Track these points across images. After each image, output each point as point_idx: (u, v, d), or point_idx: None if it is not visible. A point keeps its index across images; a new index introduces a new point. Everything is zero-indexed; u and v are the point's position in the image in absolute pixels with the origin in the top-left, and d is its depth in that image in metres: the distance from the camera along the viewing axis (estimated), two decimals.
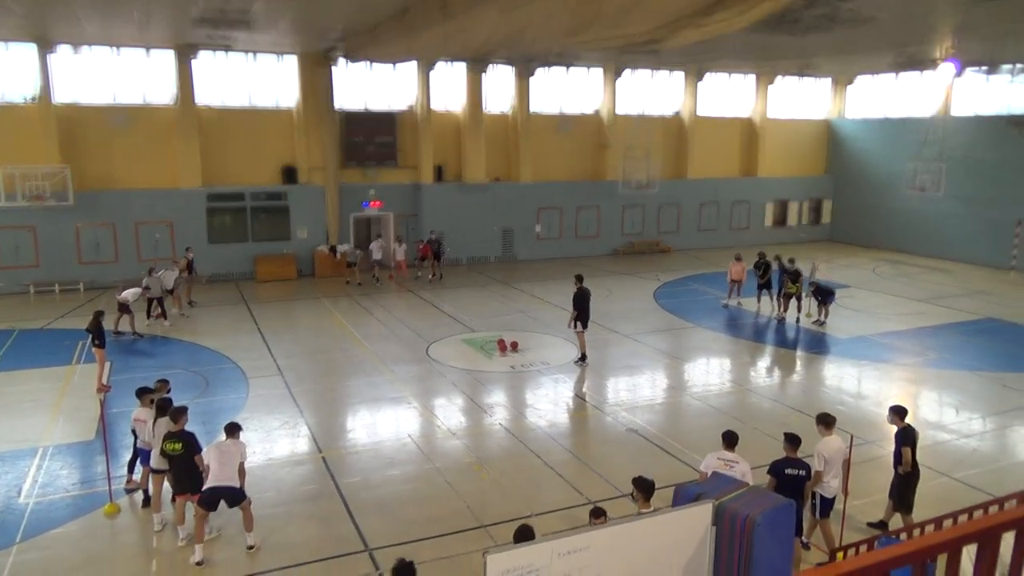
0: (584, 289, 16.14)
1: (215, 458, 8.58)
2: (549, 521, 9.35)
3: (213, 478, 8.53)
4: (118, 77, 24.16)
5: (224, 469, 8.56)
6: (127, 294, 17.89)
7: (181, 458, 8.82)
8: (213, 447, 8.73)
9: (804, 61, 26.82)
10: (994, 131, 28.46)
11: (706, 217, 33.37)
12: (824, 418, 8.96)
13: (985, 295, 23.67)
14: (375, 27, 18.79)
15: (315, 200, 26.50)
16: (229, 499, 8.66)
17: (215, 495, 8.57)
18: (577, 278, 16.48)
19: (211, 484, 8.54)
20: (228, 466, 8.59)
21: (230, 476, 8.57)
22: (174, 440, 8.87)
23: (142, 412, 9.80)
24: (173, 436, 8.92)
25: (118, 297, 17.95)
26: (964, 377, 15.64)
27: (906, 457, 9.04)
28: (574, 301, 16.11)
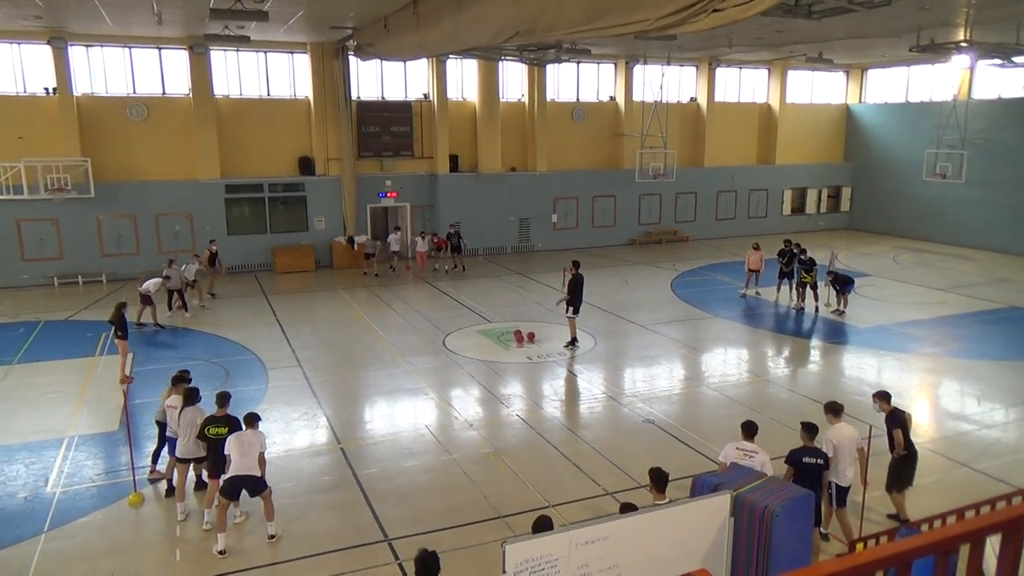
0: (580, 275, 16.42)
1: (236, 448, 8.69)
2: (567, 511, 9.38)
3: (235, 468, 8.64)
4: (136, 69, 24.37)
5: (245, 459, 8.66)
6: (148, 285, 18.09)
7: (223, 443, 8.85)
8: (234, 437, 8.83)
9: (819, 48, 26.45)
10: (1016, 115, 27.99)
11: (723, 205, 33.13)
12: (832, 406, 8.94)
13: (1008, 283, 23.35)
14: (386, 18, 18.78)
15: (332, 191, 26.62)
16: (250, 488, 8.78)
17: (236, 484, 8.69)
18: (574, 264, 16.68)
19: (232, 473, 8.65)
20: (249, 456, 8.70)
21: (251, 466, 8.68)
22: (219, 424, 9.07)
23: (175, 399, 9.87)
24: (218, 420, 9.12)
25: (139, 289, 18.16)
26: (986, 367, 15.47)
27: (898, 439, 9.05)
28: (570, 286, 16.37)
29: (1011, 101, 28.39)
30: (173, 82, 24.85)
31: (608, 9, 9.10)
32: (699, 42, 25.12)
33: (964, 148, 27.88)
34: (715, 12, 7.77)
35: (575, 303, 16.28)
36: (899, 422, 9.16)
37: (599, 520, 6.08)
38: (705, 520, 5.71)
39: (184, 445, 9.43)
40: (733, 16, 7.72)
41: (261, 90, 26.06)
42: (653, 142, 29.31)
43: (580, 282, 16.38)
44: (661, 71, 29.63)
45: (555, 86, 29.81)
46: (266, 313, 19.98)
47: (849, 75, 34.87)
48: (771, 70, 33.20)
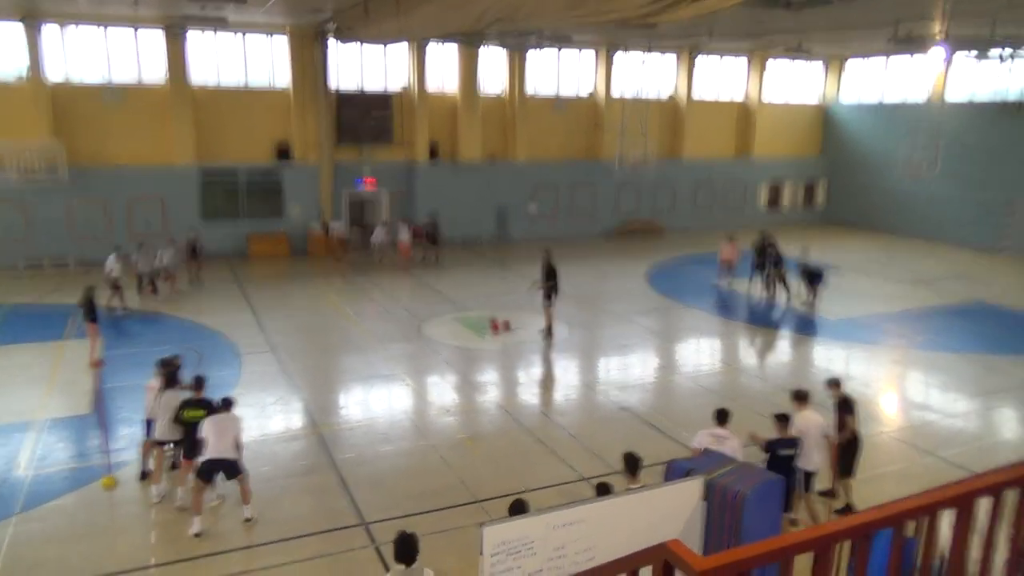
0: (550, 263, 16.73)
1: (211, 431, 8.68)
2: (542, 496, 9.48)
3: (211, 450, 8.64)
4: (111, 54, 23.93)
5: (221, 441, 8.67)
6: (108, 265, 17.86)
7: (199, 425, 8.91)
8: (209, 421, 8.82)
9: (798, 39, 26.72)
10: (987, 116, 28.53)
11: (701, 198, 33.40)
12: (799, 394, 9.20)
13: (973, 278, 23.88)
14: (367, 3, 18.63)
15: (309, 178, 26.40)
16: (227, 471, 8.79)
17: (213, 467, 8.70)
18: (548, 251, 17.06)
19: (209, 456, 8.65)
20: (224, 439, 8.70)
21: (226, 448, 8.69)
22: (196, 407, 9.12)
23: (155, 381, 9.81)
24: (195, 403, 9.19)
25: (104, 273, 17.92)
26: (950, 359, 15.84)
27: (850, 425, 9.29)
28: (552, 273, 16.53)
29: (982, 104, 28.91)
30: (149, 68, 24.40)
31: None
32: (680, 31, 25.23)
33: (937, 145, 28.31)
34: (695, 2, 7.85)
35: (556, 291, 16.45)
36: (850, 409, 9.40)
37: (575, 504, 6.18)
38: (678, 504, 5.83)
39: (161, 427, 9.38)
40: (713, 6, 7.82)
41: (239, 77, 25.71)
42: (632, 134, 29.44)
43: (553, 269, 16.53)
44: (642, 59, 29.69)
45: (535, 77, 29.77)
46: (240, 299, 19.83)
47: (828, 68, 35.14)
48: (750, 60, 33.36)
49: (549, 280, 16.46)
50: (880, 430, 12.15)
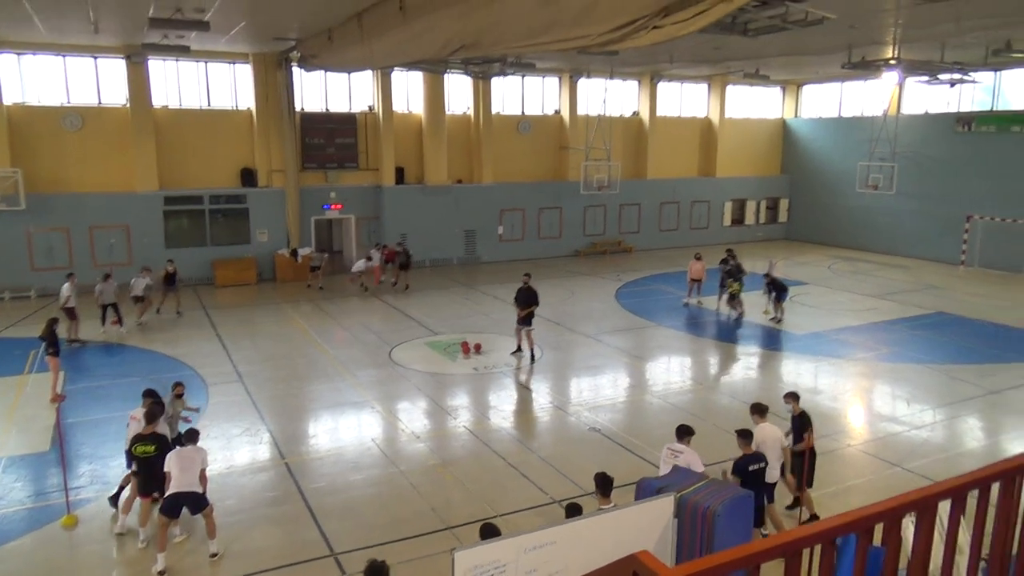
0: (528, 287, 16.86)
1: (176, 464, 8.48)
2: (515, 520, 9.41)
3: (175, 484, 8.43)
4: (71, 78, 23.66)
5: (186, 475, 8.46)
6: (65, 295, 17.46)
7: (154, 460, 8.78)
8: (174, 454, 8.62)
9: (756, 64, 27.39)
10: (942, 129, 29.40)
11: (666, 217, 33.81)
12: (757, 407, 9.47)
13: (935, 290, 24.41)
14: (331, 30, 18.69)
15: (275, 203, 26.23)
16: (192, 505, 8.58)
17: (177, 501, 8.48)
18: (525, 275, 17.31)
19: (173, 490, 8.44)
20: (190, 472, 8.50)
21: (192, 482, 8.49)
22: (147, 442, 8.87)
23: (138, 411, 9.68)
24: (146, 439, 8.90)
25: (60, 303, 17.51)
26: (915, 370, 16.12)
27: (810, 441, 9.46)
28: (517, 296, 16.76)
29: (937, 116, 29.79)
30: (110, 92, 24.19)
31: (552, 24, 9.26)
32: (641, 57, 25.71)
33: (895, 161, 29.15)
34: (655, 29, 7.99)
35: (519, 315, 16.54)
36: (808, 423, 9.60)
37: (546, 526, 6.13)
38: (650, 522, 5.82)
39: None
40: (672, 33, 7.96)
41: (201, 100, 25.58)
42: (597, 155, 29.81)
43: (526, 292, 16.55)
44: (604, 85, 30.22)
45: (501, 99, 30.05)
46: (206, 328, 19.53)
47: (785, 91, 36.11)
48: (711, 85, 34.14)
49: (530, 305, 16.50)
50: (848, 443, 12.29)
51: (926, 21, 17.90)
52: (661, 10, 7.79)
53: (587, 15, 8.54)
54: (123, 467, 10.84)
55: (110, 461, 11.28)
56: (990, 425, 13.30)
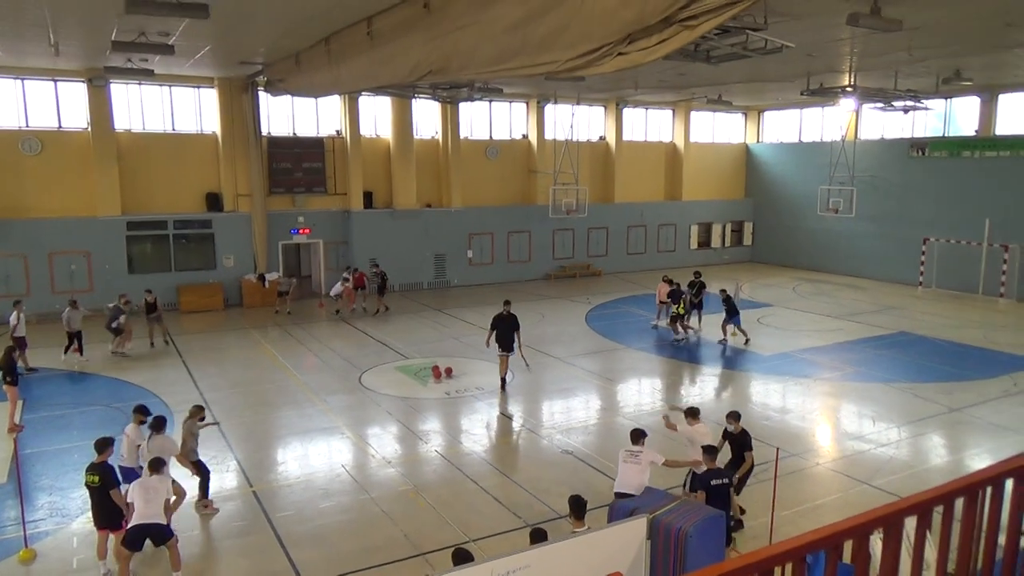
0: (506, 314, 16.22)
1: (140, 495, 8.27)
2: (488, 545, 9.34)
3: (138, 516, 8.21)
4: (29, 101, 23.29)
5: (150, 506, 8.25)
6: (11, 320, 17.06)
7: (98, 491, 8.59)
8: (138, 484, 8.41)
9: (719, 91, 28.03)
10: (898, 154, 30.26)
11: (634, 240, 34.17)
12: (691, 411, 10.25)
13: (896, 310, 24.95)
14: (298, 55, 18.70)
15: (242, 227, 25.97)
16: (155, 537, 8.36)
17: (140, 534, 8.25)
18: (504, 303, 16.63)
19: (136, 522, 8.21)
20: (154, 503, 8.29)
21: (156, 513, 8.27)
22: (93, 472, 8.64)
23: (131, 428, 9.90)
24: (93, 468, 8.68)
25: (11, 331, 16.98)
26: (879, 389, 16.42)
27: (749, 461, 9.93)
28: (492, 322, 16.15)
29: (892, 141, 30.66)
30: (70, 115, 23.85)
31: (519, 51, 9.39)
32: (606, 83, 26.12)
33: (853, 185, 29.91)
34: (620, 56, 8.15)
35: (499, 340, 16.03)
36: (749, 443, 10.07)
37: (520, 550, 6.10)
38: (623, 544, 5.83)
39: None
40: (636, 60, 8.11)
41: (166, 124, 25.34)
42: (565, 179, 30.12)
43: (506, 320, 16.10)
44: (571, 110, 30.61)
45: (469, 124, 30.25)
46: (170, 355, 19.18)
47: (747, 116, 36.94)
48: (675, 110, 34.79)
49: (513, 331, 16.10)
50: (816, 461, 12.45)
51: (880, 50, 18.52)
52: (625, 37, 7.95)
53: (553, 41, 8.69)
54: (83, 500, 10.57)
55: (70, 492, 10.97)
56: (953, 442, 13.57)
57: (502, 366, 16.21)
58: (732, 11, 6.79)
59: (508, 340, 16.03)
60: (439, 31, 11.17)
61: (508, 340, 16.03)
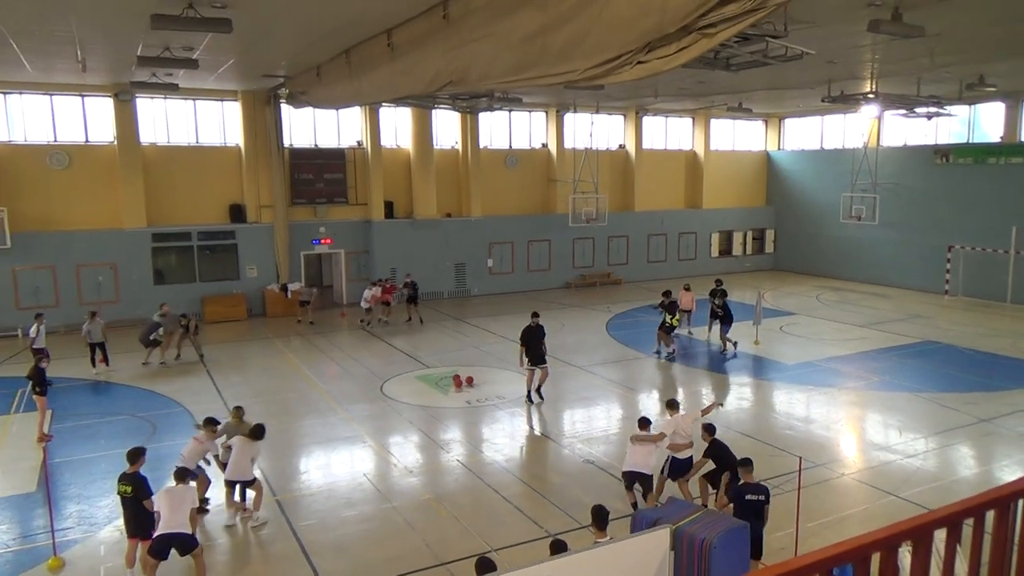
0: (535, 326, 15.95)
1: (166, 504, 8.36)
2: (510, 555, 9.31)
3: (164, 525, 8.30)
4: (57, 116, 23.76)
5: (175, 515, 8.33)
6: (31, 334, 17.32)
7: (131, 501, 8.71)
8: (164, 492, 8.51)
9: (739, 98, 27.90)
10: (921, 161, 29.91)
11: (654, 248, 34.05)
12: (670, 402, 11.26)
13: (922, 319, 24.61)
14: (319, 67, 18.91)
15: (264, 238, 26.24)
16: (180, 547, 8.43)
17: (166, 543, 8.33)
18: (532, 315, 16.41)
19: (162, 531, 8.30)
20: (179, 512, 8.38)
21: (181, 523, 8.35)
22: (125, 482, 8.78)
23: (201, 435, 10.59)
24: (125, 478, 8.82)
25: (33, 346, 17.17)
26: (905, 399, 16.19)
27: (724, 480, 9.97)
28: (522, 336, 15.88)
29: (916, 148, 30.33)
30: (97, 130, 24.28)
31: (538, 60, 9.43)
32: (626, 92, 26.09)
33: (876, 192, 29.60)
34: (639, 64, 8.15)
35: (529, 354, 15.67)
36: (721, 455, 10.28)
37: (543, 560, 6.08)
38: (646, 554, 5.79)
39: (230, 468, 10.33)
40: (656, 68, 8.11)
41: (190, 137, 25.71)
42: (585, 187, 30.10)
43: (535, 332, 15.87)
44: (591, 119, 30.63)
45: (488, 133, 30.37)
46: (195, 364, 19.38)
47: (768, 124, 36.74)
48: (695, 119, 34.68)
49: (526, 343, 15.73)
50: (841, 472, 12.29)
51: (902, 56, 18.34)
52: (645, 46, 7.96)
53: (572, 51, 8.71)
54: (110, 509, 10.76)
55: (97, 501, 11.12)
56: (982, 453, 13.34)
57: (530, 379, 15.88)
58: (751, 19, 6.77)
59: (538, 353, 15.76)
60: (458, 41, 11.24)
61: (538, 353, 15.76)
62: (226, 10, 12.67)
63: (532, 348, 15.72)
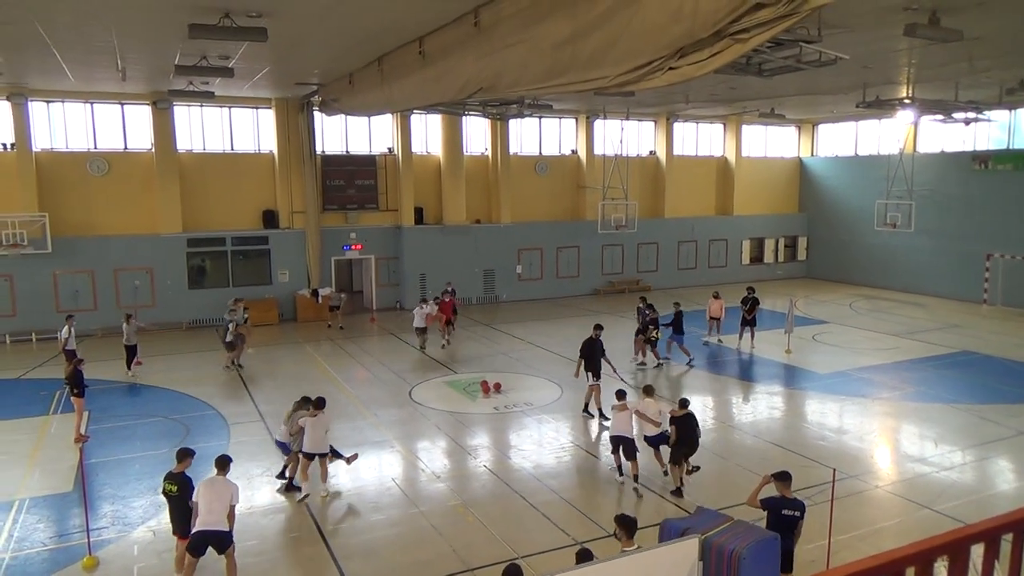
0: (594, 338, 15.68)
1: (204, 498, 8.42)
2: (536, 562, 9.29)
3: (201, 521, 8.36)
4: (97, 124, 24.34)
5: (212, 513, 8.38)
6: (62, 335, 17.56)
7: (176, 499, 8.93)
8: (203, 485, 8.56)
9: (771, 104, 27.61)
10: (959, 167, 29.32)
11: (684, 255, 33.80)
12: (647, 389, 12.63)
13: (959, 328, 24.09)
14: (352, 75, 19.12)
15: (296, 244, 26.56)
16: (217, 544, 8.50)
17: (203, 540, 8.41)
18: (595, 327, 16.16)
19: (199, 528, 8.36)
20: (216, 510, 8.39)
21: (219, 520, 8.39)
22: (171, 481, 9.01)
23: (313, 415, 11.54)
24: (172, 477, 9.05)
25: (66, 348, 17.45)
26: (942, 410, 15.84)
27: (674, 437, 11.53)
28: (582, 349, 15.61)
29: (953, 154, 29.75)
30: (135, 137, 24.82)
31: (569, 67, 9.43)
32: (657, 98, 25.99)
33: (912, 199, 29.06)
34: (670, 70, 8.12)
35: (590, 367, 15.42)
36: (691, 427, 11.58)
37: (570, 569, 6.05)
38: (674, 565, 5.74)
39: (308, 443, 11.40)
40: (688, 74, 8.07)
41: (225, 144, 26.15)
42: (614, 194, 30.00)
43: (595, 345, 15.53)
44: (620, 125, 30.54)
45: (518, 140, 30.44)
46: (228, 368, 19.63)
47: (801, 130, 36.31)
48: (726, 124, 34.40)
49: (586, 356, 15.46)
50: (875, 484, 12.06)
51: (939, 61, 18.01)
52: (676, 52, 7.92)
53: (603, 57, 8.70)
54: (144, 509, 10.96)
55: (131, 502, 11.31)
56: (1021, 466, 13.00)
57: (589, 394, 15.54)
58: (784, 24, 6.70)
59: (599, 367, 15.46)
60: (489, 49, 11.29)
61: (599, 367, 15.46)
62: (261, 19, 12.89)
63: (591, 361, 15.44)
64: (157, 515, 10.81)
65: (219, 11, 12.29)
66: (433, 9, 12.31)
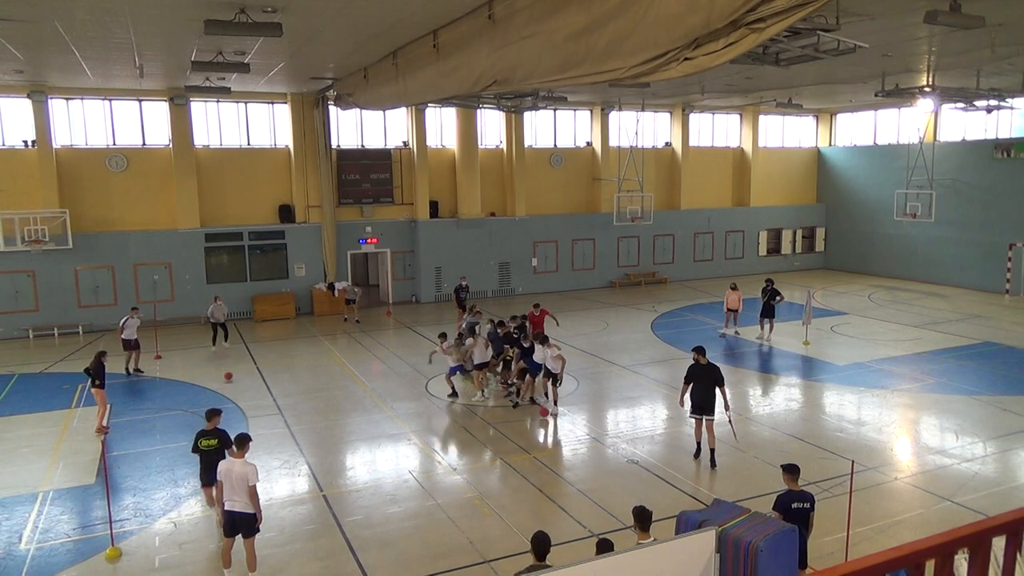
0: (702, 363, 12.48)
1: (226, 480, 8.68)
2: (552, 554, 9.28)
3: (228, 502, 8.67)
4: (116, 121, 24.56)
5: (234, 492, 8.62)
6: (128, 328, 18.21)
7: (215, 452, 9.86)
8: (224, 467, 8.75)
9: (788, 94, 27.34)
10: (981, 156, 28.91)
11: (701, 247, 33.62)
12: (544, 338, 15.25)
13: (981, 319, 23.80)
14: (366, 69, 19.14)
15: (312, 238, 26.70)
16: (245, 528, 8.75)
17: (232, 520, 8.72)
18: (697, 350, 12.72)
19: (228, 508, 8.68)
20: (240, 491, 8.61)
21: (244, 503, 8.65)
22: (210, 436, 10.08)
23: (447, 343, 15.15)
24: (208, 433, 10.11)
25: (122, 336, 18.27)
26: (963, 401, 15.68)
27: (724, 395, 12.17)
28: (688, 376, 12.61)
29: (975, 143, 29.33)
30: (153, 133, 25.04)
31: (583, 58, 9.39)
32: (672, 89, 25.81)
33: (932, 188, 28.72)
34: (686, 60, 8.05)
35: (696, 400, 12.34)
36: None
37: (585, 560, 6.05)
38: (690, 557, 5.72)
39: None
40: (703, 64, 8.00)
41: (241, 139, 26.30)
42: (630, 186, 29.88)
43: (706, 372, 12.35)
44: (636, 117, 30.38)
45: (533, 132, 30.37)
46: (246, 361, 19.82)
47: (819, 119, 35.94)
48: (743, 115, 34.12)
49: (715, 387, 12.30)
50: (895, 476, 11.97)
51: (960, 48, 17.75)
52: (692, 42, 7.86)
53: (618, 48, 8.65)
54: (165, 501, 11.09)
55: (153, 493, 11.45)
56: None
57: (698, 431, 12.62)
58: (802, 12, 6.62)
59: (709, 399, 12.25)
60: (503, 41, 11.27)
61: (709, 399, 12.25)
62: (277, 15, 12.93)
63: (699, 391, 12.32)
64: (178, 507, 10.96)
65: (235, 7, 12.34)
66: (447, 2, 12.29)
